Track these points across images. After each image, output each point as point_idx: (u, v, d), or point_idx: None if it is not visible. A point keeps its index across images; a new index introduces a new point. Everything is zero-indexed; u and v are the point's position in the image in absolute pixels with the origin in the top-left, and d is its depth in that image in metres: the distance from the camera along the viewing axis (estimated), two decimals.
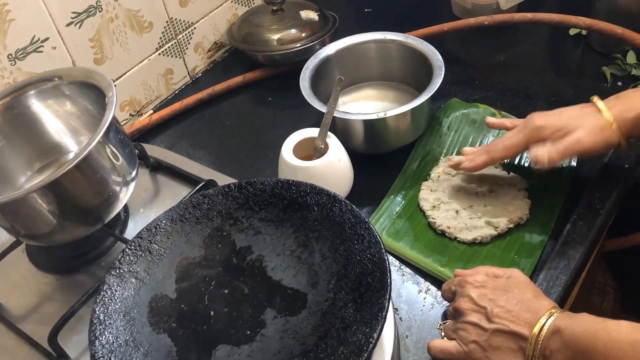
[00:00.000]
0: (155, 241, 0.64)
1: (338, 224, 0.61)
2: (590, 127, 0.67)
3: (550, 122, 0.69)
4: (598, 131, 0.66)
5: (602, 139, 0.66)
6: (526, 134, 0.70)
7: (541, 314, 0.55)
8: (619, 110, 0.67)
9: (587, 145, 0.67)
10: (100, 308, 0.58)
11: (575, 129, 0.67)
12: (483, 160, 0.73)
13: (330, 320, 0.54)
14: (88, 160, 0.64)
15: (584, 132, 0.67)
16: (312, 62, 0.89)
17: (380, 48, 0.92)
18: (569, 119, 0.68)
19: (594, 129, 0.67)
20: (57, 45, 0.85)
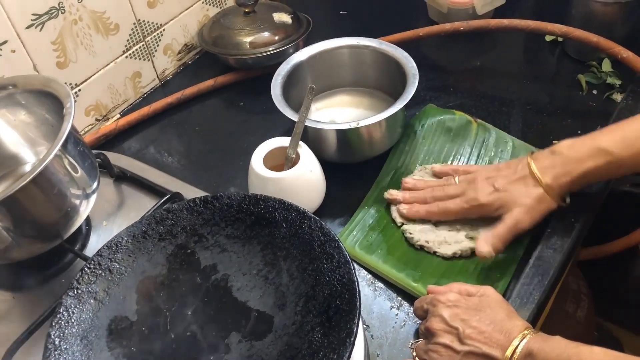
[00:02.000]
0: (116, 259, 0.61)
1: (307, 242, 0.59)
2: (528, 202, 0.67)
3: (491, 200, 0.69)
4: (536, 204, 0.67)
5: (540, 212, 0.67)
6: (468, 209, 0.70)
7: (514, 335, 0.54)
8: (554, 175, 0.66)
9: (527, 225, 0.67)
10: (55, 332, 0.55)
11: (515, 205, 0.67)
12: (419, 215, 0.73)
13: (297, 346, 0.52)
14: (45, 175, 0.61)
15: (523, 210, 0.67)
16: (283, 68, 0.86)
17: (353, 54, 0.90)
18: (509, 194, 0.68)
19: (532, 204, 0.67)
20: (17, 48, 0.81)
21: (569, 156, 0.66)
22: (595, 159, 0.64)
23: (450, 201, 0.72)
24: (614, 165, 0.64)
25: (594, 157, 0.64)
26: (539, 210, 0.67)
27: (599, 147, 0.64)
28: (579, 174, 0.65)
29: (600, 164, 0.64)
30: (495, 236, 0.67)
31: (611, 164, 0.64)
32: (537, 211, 0.67)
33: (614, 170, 0.65)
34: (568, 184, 0.66)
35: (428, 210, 0.73)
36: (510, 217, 0.67)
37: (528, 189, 0.67)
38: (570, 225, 0.71)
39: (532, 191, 0.67)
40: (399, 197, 0.75)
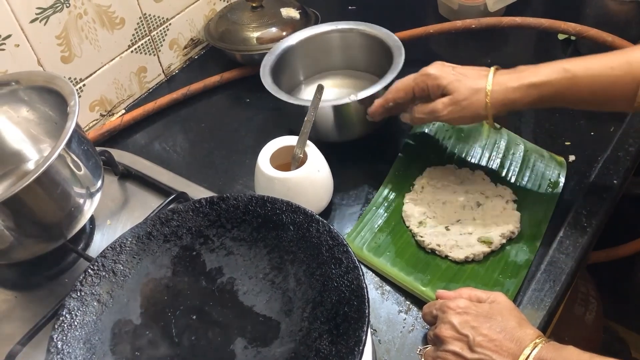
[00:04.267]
0: (120, 261, 0.60)
1: (315, 246, 0.58)
2: (465, 92, 0.67)
3: (439, 74, 0.69)
4: (468, 96, 0.66)
5: (469, 110, 0.67)
6: (416, 78, 0.71)
7: (525, 344, 0.53)
8: (505, 79, 0.65)
9: (445, 118, 0.69)
10: (58, 335, 0.54)
11: (450, 92, 0.68)
12: (379, 102, 0.75)
13: (304, 353, 0.51)
14: (48, 174, 0.60)
15: (452, 101, 0.67)
16: (273, 52, 0.88)
17: (342, 37, 0.91)
18: (457, 78, 0.68)
19: (465, 95, 0.67)
20: (21, 42, 0.80)
21: (527, 70, 0.66)
22: (553, 73, 0.63)
23: (402, 79, 0.73)
24: (571, 83, 0.63)
25: (551, 72, 0.63)
26: (468, 105, 0.67)
27: (559, 65, 0.64)
28: (530, 83, 0.64)
29: (556, 78, 0.63)
30: (416, 116, 0.72)
31: (568, 80, 0.63)
32: (466, 106, 0.67)
33: (570, 87, 0.63)
34: (513, 90, 0.65)
35: (384, 96, 0.75)
36: (437, 104, 0.69)
37: (477, 80, 0.67)
38: (583, 230, 0.69)
39: (478, 82, 0.67)
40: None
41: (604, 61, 0.62)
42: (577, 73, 0.62)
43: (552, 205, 0.73)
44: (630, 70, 0.60)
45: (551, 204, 0.74)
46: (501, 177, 0.77)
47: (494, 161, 0.79)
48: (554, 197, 0.74)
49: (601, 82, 0.62)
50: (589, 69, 0.62)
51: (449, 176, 0.77)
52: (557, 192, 0.75)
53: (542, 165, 0.78)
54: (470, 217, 0.72)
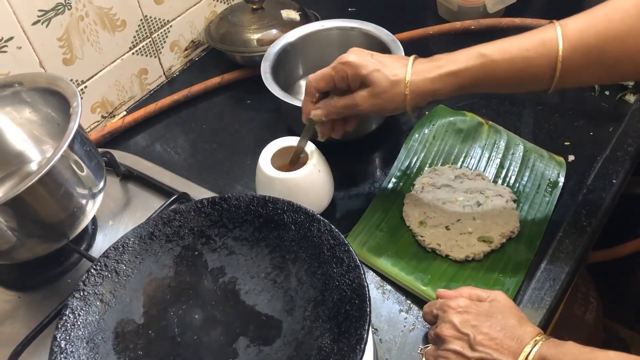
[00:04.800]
0: (123, 261, 0.60)
1: (316, 245, 0.58)
2: (384, 84, 0.64)
3: (358, 63, 0.66)
4: (388, 88, 0.64)
5: (389, 103, 0.65)
6: (335, 67, 0.68)
7: (526, 342, 0.53)
8: (423, 70, 0.64)
9: (365, 111, 0.67)
10: (61, 335, 0.55)
11: (370, 83, 0.65)
12: (306, 100, 0.71)
13: (306, 351, 0.51)
14: (51, 175, 0.60)
15: (371, 94, 0.65)
16: (273, 49, 0.88)
17: (341, 35, 0.92)
18: (376, 67, 0.65)
19: (385, 87, 0.64)
20: (23, 45, 0.80)
21: (444, 58, 0.64)
22: (470, 60, 0.62)
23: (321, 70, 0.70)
24: (489, 68, 0.62)
25: (468, 58, 0.63)
26: (388, 98, 0.65)
27: (475, 51, 0.63)
28: (449, 71, 0.63)
29: (473, 64, 0.62)
30: (333, 108, 0.68)
31: (485, 66, 0.62)
32: (385, 98, 0.65)
33: (488, 73, 0.62)
34: (432, 80, 0.63)
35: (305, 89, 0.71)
36: (356, 97, 0.66)
37: (396, 69, 0.65)
38: (582, 229, 0.70)
39: (397, 71, 0.64)
40: None
41: (520, 42, 0.61)
42: (494, 57, 0.61)
43: (552, 205, 0.74)
44: (545, 51, 0.59)
45: (551, 203, 0.74)
46: (501, 177, 0.78)
47: (493, 161, 0.80)
48: (554, 196, 0.75)
49: (518, 64, 0.61)
50: (505, 52, 0.61)
51: (449, 176, 0.78)
52: (557, 192, 0.75)
53: (542, 165, 0.79)
54: (470, 216, 0.73)
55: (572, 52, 0.59)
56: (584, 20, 0.60)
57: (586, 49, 0.58)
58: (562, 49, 0.59)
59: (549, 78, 0.61)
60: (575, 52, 0.59)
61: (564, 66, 0.59)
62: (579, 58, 0.59)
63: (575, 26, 0.59)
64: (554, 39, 0.59)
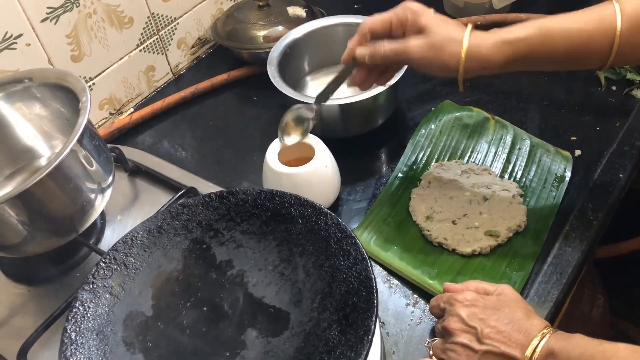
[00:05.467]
0: (132, 254, 0.61)
1: (323, 238, 0.58)
2: (442, 36, 0.62)
3: (421, 11, 0.64)
4: (444, 42, 0.62)
5: (441, 57, 0.62)
6: (396, 10, 0.65)
7: (533, 334, 0.53)
8: (481, 35, 0.62)
9: (414, 61, 0.64)
10: (71, 326, 0.55)
11: (428, 32, 0.62)
12: (355, 40, 0.68)
13: (314, 343, 0.52)
14: (61, 169, 0.60)
15: (426, 43, 0.62)
16: (280, 44, 0.89)
17: (347, 31, 0.92)
18: (437, 21, 0.63)
19: (442, 40, 0.62)
20: (32, 42, 0.81)
21: (502, 29, 0.63)
22: (527, 29, 0.61)
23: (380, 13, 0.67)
24: (546, 39, 0.61)
25: (526, 28, 0.61)
26: (440, 53, 0.62)
27: (533, 22, 0.62)
28: (505, 39, 0.61)
29: (531, 34, 0.61)
30: (380, 46, 0.65)
31: (543, 36, 0.61)
32: (439, 52, 0.62)
33: (546, 44, 0.61)
34: (488, 47, 0.61)
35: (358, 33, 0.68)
36: (409, 42, 0.63)
37: (457, 27, 0.63)
38: (589, 223, 0.70)
39: (457, 30, 0.63)
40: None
41: (578, 17, 0.61)
42: (552, 29, 0.61)
43: (559, 199, 0.74)
44: (602, 26, 0.60)
45: (557, 198, 0.74)
46: (507, 172, 0.78)
47: (500, 156, 0.80)
48: (560, 191, 0.75)
49: (575, 37, 0.61)
50: (563, 24, 0.61)
51: (456, 171, 0.78)
52: (563, 187, 0.75)
53: (548, 160, 0.79)
54: (477, 211, 0.73)
55: (630, 28, 0.59)
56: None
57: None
58: (620, 24, 0.59)
59: (606, 54, 0.61)
60: (633, 27, 0.59)
61: (622, 42, 0.59)
62: (636, 34, 0.59)
63: (633, 3, 0.59)
64: (612, 14, 0.59)
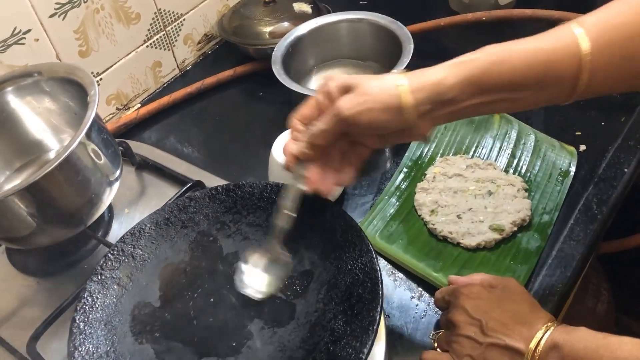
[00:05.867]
0: (139, 246, 0.62)
1: (329, 230, 0.59)
2: (370, 82, 0.53)
3: (340, 76, 0.56)
4: (375, 84, 0.53)
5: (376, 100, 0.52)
6: (317, 90, 0.57)
7: (538, 327, 0.54)
8: (421, 70, 0.54)
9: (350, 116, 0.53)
10: (80, 316, 0.56)
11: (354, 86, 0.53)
12: (289, 140, 0.58)
13: (319, 333, 0.52)
14: (69, 162, 0.61)
15: (356, 94, 0.53)
16: (285, 41, 0.89)
17: (351, 27, 0.93)
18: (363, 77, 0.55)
19: (371, 85, 0.53)
20: (40, 37, 0.82)
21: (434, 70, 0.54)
22: (479, 51, 0.54)
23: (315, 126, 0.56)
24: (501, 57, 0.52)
25: (477, 50, 0.54)
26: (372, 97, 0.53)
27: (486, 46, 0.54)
28: (454, 62, 0.53)
29: (482, 53, 0.53)
30: (311, 129, 0.55)
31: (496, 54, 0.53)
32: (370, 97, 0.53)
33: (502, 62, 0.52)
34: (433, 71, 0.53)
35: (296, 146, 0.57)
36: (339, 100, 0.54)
37: (383, 76, 0.55)
38: (594, 217, 0.70)
39: (383, 77, 0.54)
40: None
41: (536, 37, 0.52)
42: (507, 49, 0.52)
43: (563, 194, 0.74)
44: (563, 44, 0.50)
45: (562, 192, 0.74)
46: (512, 167, 0.78)
47: (505, 151, 0.80)
48: (565, 185, 0.75)
49: (531, 56, 0.51)
50: (520, 44, 0.52)
51: (460, 166, 0.78)
52: (568, 181, 0.75)
53: (553, 154, 0.79)
54: (482, 205, 0.73)
55: (597, 48, 0.50)
56: (605, 14, 0.51)
57: (612, 45, 0.50)
58: (585, 44, 0.50)
59: (572, 79, 0.51)
60: (599, 47, 0.50)
61: (590, 64, 0.50)
62: (605, 55, 0.50)
63: (595, 20, 0.51)
64: (573, 33, 0.51)
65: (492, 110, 0.54)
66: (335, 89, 0.55)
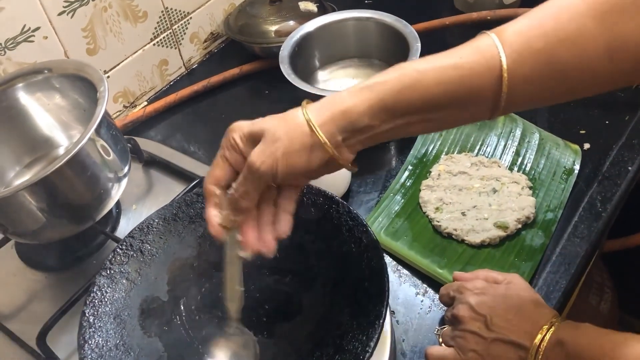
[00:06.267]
0: (147, 241, 0.62)
1: (335, 226, 0.60)
2: (276, 125, 0.49)
3: (241, 123, 0.51)
4: (283, 126, 0.49)
5: (289, 143, 0.48)
6: (222, 146, 0.52)
7: (542, 323, 0.54)
8: (327, 99, 0.50)
9: (266, 168, 0.48)
10: (89, 310, 0.56)
11: (261, 133, 0.49)
12: (208, 210, 0.53)
13: (326, 327, 0.53)
14: (79, 157, 0.62)
15: (264, 142, 0.48)
16: (292, 39, 0.90)
17: (358, 26, 0.94)
18: (263, 119, 0.50)
19: (279, 127, 0.49)
20: (49, 35, 0.83)
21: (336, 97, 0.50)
22: (389, 72, 0.50)
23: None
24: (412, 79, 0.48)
25: (388, 72, 0.50)
26: (285, 142, 0.48)
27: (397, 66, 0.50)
28: (362, 86, 0.50)
29: (393, 75, 0.49)
30: (230, 192, 0.51)
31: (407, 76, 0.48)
32: (283, 143, 0.48)
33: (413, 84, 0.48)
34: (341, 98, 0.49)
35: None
36: (250, 155, 0.49)
37: (285, 113, 0.50)
38: (598, 214, 0.71)
39: (287, 116, 0.50)
40: None
41: (450, 53, 0.48)
42: (418, 67, 0.48)
43: (567, 192, 0.75)
44: (482, 59, 0.46)
45: (566, 190, 0.75)
46: (517, 165, 0.79)
47: (509, 149, 0.81)
48: (569, 183, 0.75)
49: (448, 74, 0.47)
50: (433, 62, 0.48)
51: (465, 163, 0.79)
52: (572, 179, 0.76)
53: (557, 153, 0.79)
54: (486, 203, 0.74)
55: (518, 58, 0.46)
56: (525, 23, 0.47)
57: (534, 55, 0.46)
58: (504, 55, 0.46)
59: (493, 94, 0.47)
60: (520, 57, 0.46)
61: (511, 76, 0.46)
62: (526, 66, 0.46)
63: (515, 29, 0.47)
64: (491, 44, 0.46)
65: (411, 131, 0.51)
66: (240, 142, 0.50)
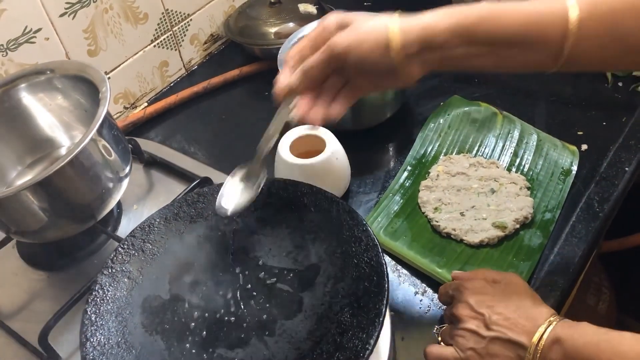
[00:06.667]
0: (149, 240, 0.63)
1: (335, 226, 0.60)
2: (365, 20, 0.56)
3: (339, 15, 0.57)
4: (370, 22, 0.56)
5: (367, 35, 0.55)
6: (317, 25, 0.58)
7: (540, 322, 0.54)
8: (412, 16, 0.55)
9: (342, 50, 0.55)
10: (91, 308, 0.57)
11: (350, 22, 0.56)
12: (284, 71, 0.59)
13: (326, 325, 0.53)
14: (81, 157, 0.62)
15: (349, 29, 0.55)
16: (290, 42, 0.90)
17: None
18: (360, 14, 0.57)
19: (366, 23, 0.56)
20: (50, 36, 0.83)
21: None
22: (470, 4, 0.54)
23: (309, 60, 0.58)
24: (493, 7, 0.54)
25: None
26: (365, 32, 0.55)
27: None
28: (444, 10, 0.55)
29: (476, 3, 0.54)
30: (306, 62, 0.57)
31: (489, 6, 0.54)
32: (363, 32, 0.55)
33: (493, 13, 0.53)
34: (422, 16, 0.56)
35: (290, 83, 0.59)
36: (334, 35, 0.56)
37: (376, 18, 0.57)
38: (595, 215, 0.71)
39: (376, 17, 0.56)
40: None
41: (530, 1, 0.53)
42: (502, 5, 0.53)
43: (565, 192, 0.75)
44: (556, 9, 0.51)
45: (564, 190, 0.75)
46: (515, 166, 0.79)
47: (507, 150, 0.81)
48: (567, 184, 0.76)
49: (526, 16, 0.52)
50: (514, 4, 0.53)
51: (464, 164, 0.79)
52: (570, 180, 0.77)
53: (555, 154, 0.80)
54: (485, 203, 0.74)
55: (585, 18, 0.51)
56: None
57: (599, 17, 0.51)
58: (575, 12, 0.51)
59: (557, 43, 0.52)
60: (588, 18, 0.51)
61: (576, 29, 0.51)
62: (591, 27, 0.51)
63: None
64: (564, 3, 0.52)
65: (479, 64, 0.56)
66: (332, 25, 0.57)
